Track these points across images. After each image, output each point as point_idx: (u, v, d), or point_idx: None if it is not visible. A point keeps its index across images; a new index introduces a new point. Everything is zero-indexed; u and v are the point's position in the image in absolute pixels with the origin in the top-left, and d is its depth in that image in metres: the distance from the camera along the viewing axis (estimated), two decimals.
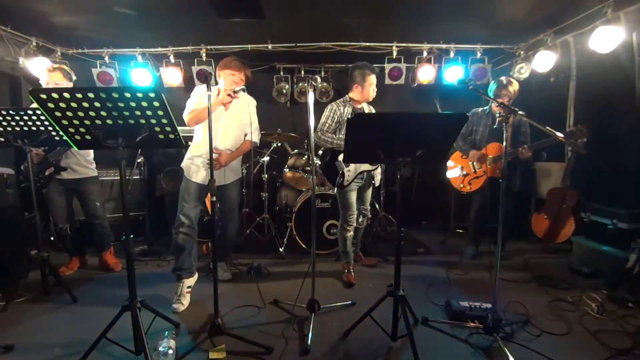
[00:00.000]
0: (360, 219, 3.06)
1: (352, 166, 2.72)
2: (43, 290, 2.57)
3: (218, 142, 2.51)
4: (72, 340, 2.01)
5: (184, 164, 2.57)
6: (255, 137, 2.65)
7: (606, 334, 2.06)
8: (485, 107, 3.31)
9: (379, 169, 2.97)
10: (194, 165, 2.51)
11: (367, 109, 2.90)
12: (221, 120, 2.52)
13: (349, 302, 2.49)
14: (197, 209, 2.54)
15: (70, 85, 2.86)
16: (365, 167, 2.76)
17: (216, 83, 2.60)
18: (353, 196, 2.82)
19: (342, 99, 2.80)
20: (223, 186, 2.57)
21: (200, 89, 2.52)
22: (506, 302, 2.35)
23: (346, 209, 2.83)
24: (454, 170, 3.45)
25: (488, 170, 3.13)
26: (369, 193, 3.02)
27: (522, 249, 3.63)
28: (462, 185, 3.36)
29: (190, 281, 2.56)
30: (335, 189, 2.85)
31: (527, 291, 2.69)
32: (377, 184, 3.03)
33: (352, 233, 2.94)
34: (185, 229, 2.45)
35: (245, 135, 2.65)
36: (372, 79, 2.68)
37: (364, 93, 2.70)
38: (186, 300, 2.45)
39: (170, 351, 1.78)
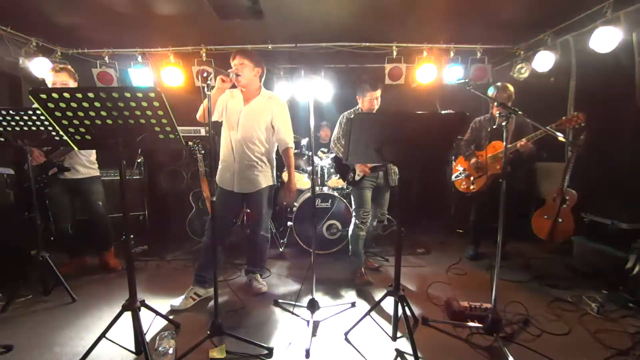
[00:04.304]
0: (375, 223, 2.99)
1: None
2: (43, 290, 2.57)
3: (239, 139, 2.45)
4: (72, 340, 2.01)
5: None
6: (290, 141, 2.58)
7: (606, 334, 2.07)
8: (486, 115, 3.33)
9: (394, 168, 2.87)
10: (220, 170, 2.57)
11: None
12: (240, 116, 2.46)
13: (349, 302, 2.49)
14: (225, 215, 2.57)
15: (76, 85, 2.86)
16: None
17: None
18: (368, 194, 2.79)
19: (352, 109, 2.92)
20: (253, 193, 2.54)
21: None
22: (506, 302, 2.35)
23: (360, 206, 2.79)
24: (457, 173, 3.45)
25: (489, 167, 3.12)
26: (387, 196, 2.96)
27: (522, 249, 3.63)
28: (464, 186, 3.36)
29: (200, 290, 2.53)
30: (346, 184, 2.87)
31: (527, 291, 2.69)
32: (395, 184, 2.90)
33: (364, 233, 2.86)
34: (209, 238, 2.47)
35: (279, 141, 2.59)
36: (371, 95, 2.73)
37: (364, 105, 2.80)
38: (185, 303, 2.42)
39: (170, 351, 1.78)
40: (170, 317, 2.15)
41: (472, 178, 3.30)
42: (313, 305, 2.19)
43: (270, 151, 2.59)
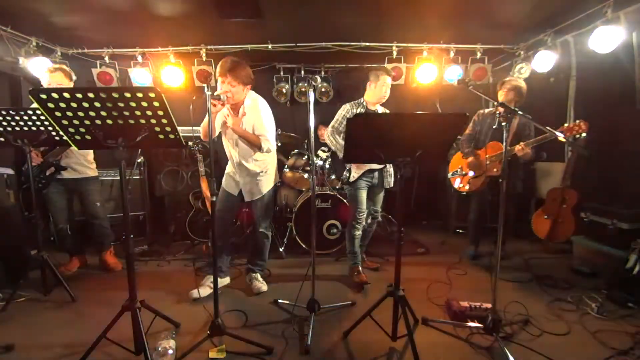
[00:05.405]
0: (369, 220, 3.00)
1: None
2: (43, 290, 2.57)
3: (240, 155, 2.53)
4: (72, 340, 2.01)
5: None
6: (264, 143, 2.44)
7: (606, 334, 2.06)
8: (491, 108, 3.31)
9: (390, 170, 2.90)
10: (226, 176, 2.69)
11: (382, 110, 2.87)
12: (234, 136, 2.48)
13: (349, 302, 2.50)
14: (227, 215, 2.65)
15: (72, 85, 2.86)
16: (373, 165, 2.74)
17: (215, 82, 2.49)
18: (363, 194, 2.80)
19: (355, 101, 2.84)
20: (258, 198, 2.61)
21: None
22: (506, 302, 2.35)
23: (355, 206, 2.80)
24: (454, 171, 3.44)
25: (487, 168, 3.12)
26: (381, 195, 2.98)
27: (522, 249, 3.62)
28: (461, 185, 3.36)
29: (209, 276, 2.65)
30: (340, 183, 2.88)
31: (527, 291, 2.69)
32: (390, 185, 2.92)
33: (360, 232, 2.89)
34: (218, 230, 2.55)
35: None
36: (386, 79, 2.70)
37: (376, 91, 2.73)
38: (203, 291, 2.55)
39: (170, 351, 1.78)
40: (170, 317, 2.15)
41: (469, 177, 3.30)
42: (313, 305, 2.19)
43: (269, 154, 2.60)
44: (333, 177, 3.75)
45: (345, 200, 3.49)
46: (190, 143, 3.48)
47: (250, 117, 2.47)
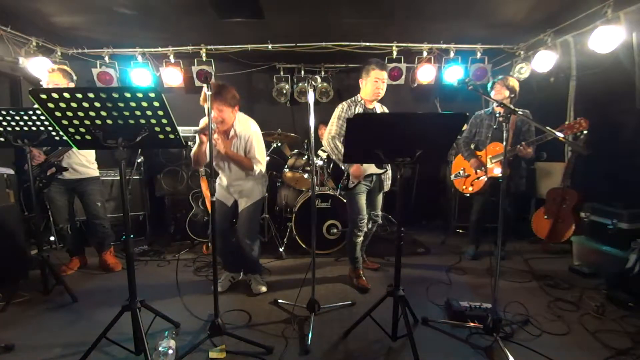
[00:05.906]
0: (370, 225, 2.89)
1: None
2: (43, 290, 2.57)
3: (232, 178, 2.56)
4: (72, 340, 2.01)
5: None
6: (256, 166, 2.47)
7: (606, 334, 2.06)
8: (487, 109, 3.30)
9: (389, 173, 2.79)
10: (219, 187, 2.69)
11: (380, 109, 2.75)
12: (226, 159, 2.48)
13: (349, 302, 2.50)
14: (222, 223, 2.63)
15: (72, 85, 2.86)
16: (372, 170, 2.65)
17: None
18: (362, 199, 2.67)
19: (352, 99, 2.67)
20: (244, 207, 2.62)
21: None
22: (506, 302, 2.35)
23: (356, 213, 2.66)
24: (457, 172, 3.44)
25: (488, 170, 3.12)
26: (379, 198, 2.85)
27: (522, 249, 3.62)
28: (464, 187, 3.35)
29: (235, 275, 2.83)
30: (339, 190, 2.76)
31: (527, 291, 2.69)
32: (386, 189, 2.84)
33: (362, 239, 2.79)
34: (217, 237, 2.54)
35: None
36: (376, 74, 2.50)
37: (367, 88, 2.57)
38: (223, 285, 2.72)
39: (170, 351, 1.78)
40: (170, 317, 2.15)
41: (471, 179, 3.29)
42: (313, 305, 2.19)
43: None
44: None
45: (344, 200, 3.49)
46: (190, 143, 3.48)
47: (241, 140, 2.45)
